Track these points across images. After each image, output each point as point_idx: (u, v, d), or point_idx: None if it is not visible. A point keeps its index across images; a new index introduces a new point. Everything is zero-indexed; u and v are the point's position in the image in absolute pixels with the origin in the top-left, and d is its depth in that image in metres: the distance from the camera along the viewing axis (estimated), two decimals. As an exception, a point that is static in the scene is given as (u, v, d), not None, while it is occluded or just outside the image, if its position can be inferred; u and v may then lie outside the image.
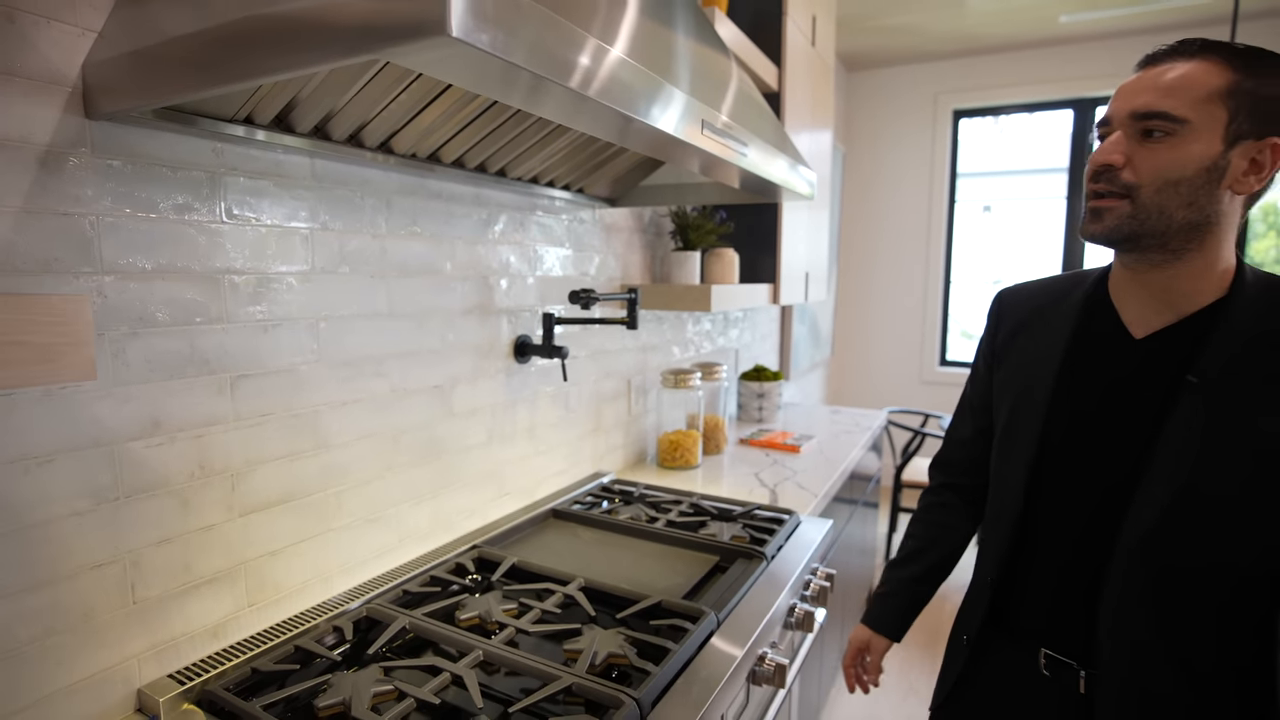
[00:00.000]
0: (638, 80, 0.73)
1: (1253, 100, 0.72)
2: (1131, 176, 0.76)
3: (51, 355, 0.50)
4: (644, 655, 0.93)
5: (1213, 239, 0.77)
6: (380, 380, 1.12)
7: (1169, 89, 0.74)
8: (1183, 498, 0.77)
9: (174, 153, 0.82)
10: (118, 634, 0.80)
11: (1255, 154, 0.73)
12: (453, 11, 0.48)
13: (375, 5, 0.50)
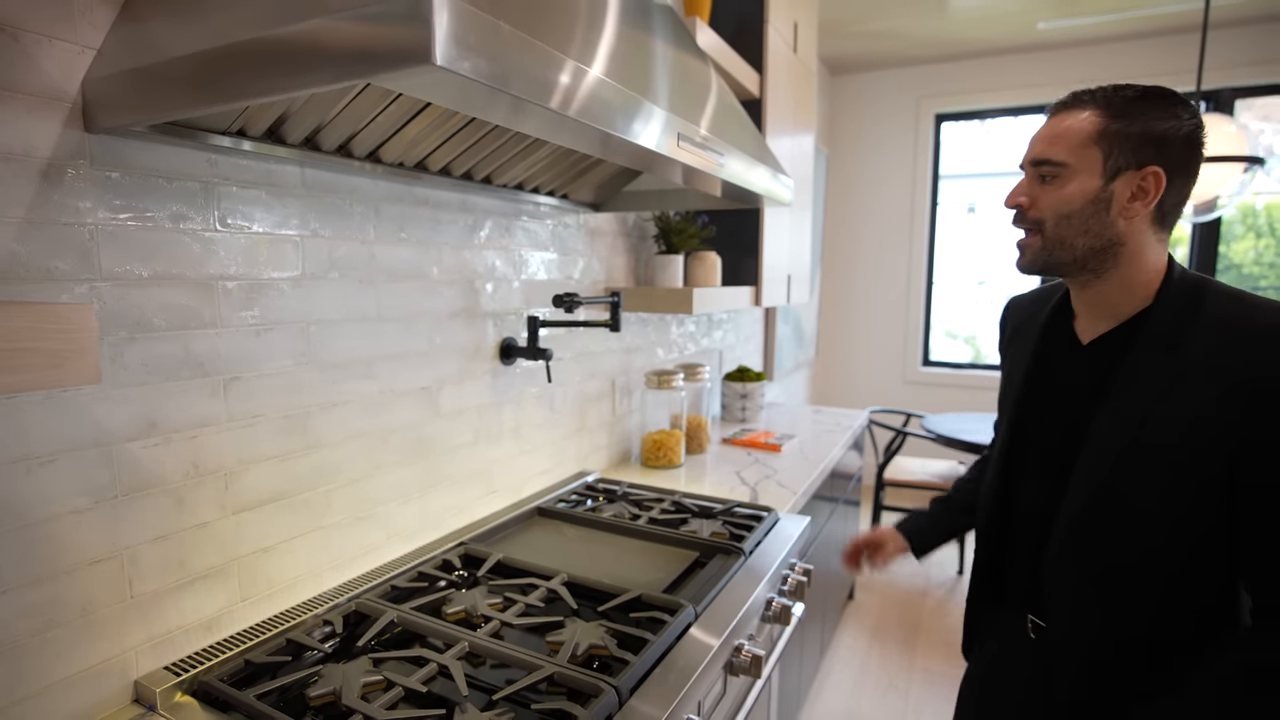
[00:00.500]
0: (616, 98, 0.77)
1: (1123, 138, 0.83)
2: (1036, 214, 0.89)
3: (59, 361, 0.53)
4: (624, 646, 0.97)
5: (1126, 256, 0.87)
6: (369, 382, 1.15)
7: (1052, 139, 0.87)
8: (1102, 492, 0.86)
9: (169, 164, 0.85)
10: (115, 627, 0.83)
11: (1139, 182, 0.83)
12: (437, 41, 0.52)
13: (365, 31, 0.54)
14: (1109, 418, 0.87)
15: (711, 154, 1.04)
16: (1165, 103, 0.83)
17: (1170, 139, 0.82)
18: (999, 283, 4.34)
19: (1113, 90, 0.85)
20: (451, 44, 0.53)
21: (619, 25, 0.92)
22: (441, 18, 0.51)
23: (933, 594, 3.07)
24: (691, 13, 1.80)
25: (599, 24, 0.85)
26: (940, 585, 3.16)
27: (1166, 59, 3.65)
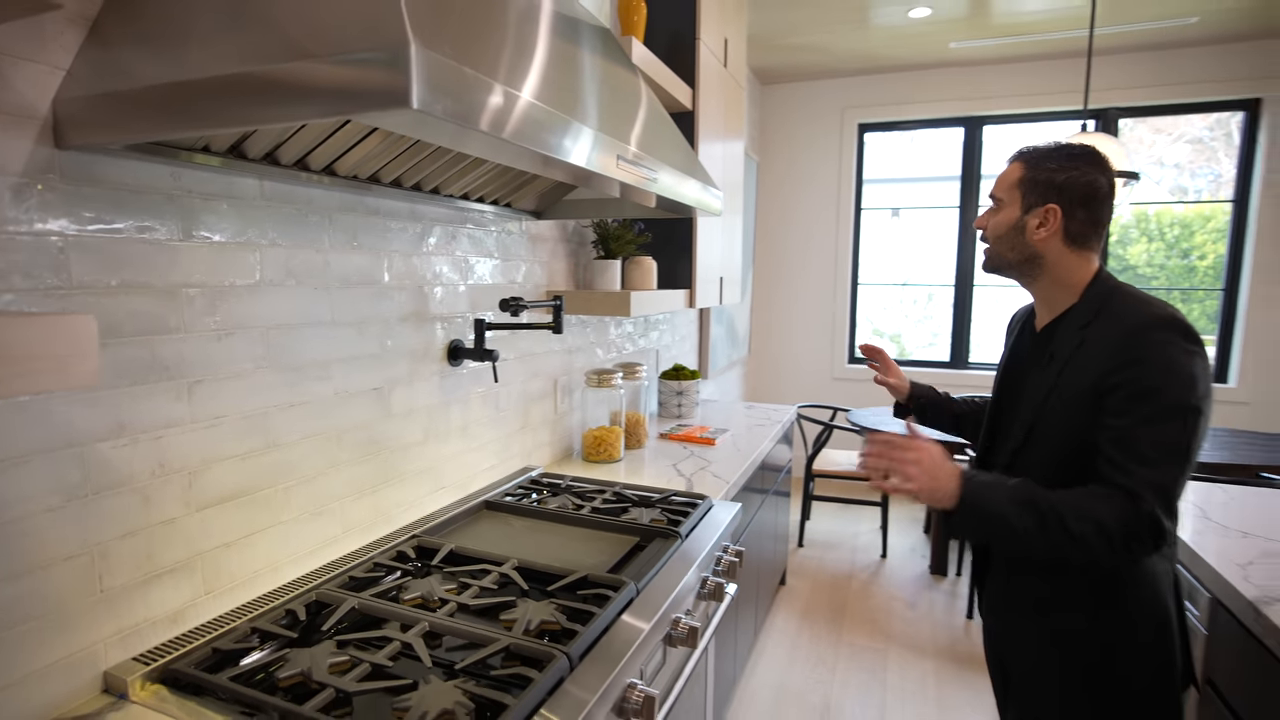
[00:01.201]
0: (559, 125, 0.87)
1: (1033, 183, 1.15)
2: (987, 233, 1.23)
3: (65, 366, 0.59)
4: (573, 620, 1.07)
5: (1047, 266, 1.17)
6: (325, 384, 1.21)
7: (999, 181, 1.21)
8: (1031, 431, 1.16)
9: (136, 178, 0.90)
10: (86, 621, 0.87)
11: (1042, 215, 1.14)
12: (414, 88, 0.60)
13: (349, 74, 0.62)
14: (1038, 377, 1.18)
15: (646, 171, 1.14)
16: (1061, 159, 1.13)
17: (1066, 185, 1.12)
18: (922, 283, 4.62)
19: (1035, 148, 1.17)
20: (426, 89, 0.61)
21: (560, 53, 1.02)
22: (419, 66, 0.60)
23: (858, 577, 3.27)
24: (627, 32, 1.90)
25: (542, 53, 0.94)
26: (865, 569, 3.37)
27: (1060, 80, 3.98)
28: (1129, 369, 1.02)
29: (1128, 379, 1.02)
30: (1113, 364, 1.04)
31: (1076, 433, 1.08)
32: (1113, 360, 1.04)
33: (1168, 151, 4.00)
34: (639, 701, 1.02)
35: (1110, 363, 1.04)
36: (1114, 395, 1.03)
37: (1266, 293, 3.76)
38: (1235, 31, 3.52)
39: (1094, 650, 1.11)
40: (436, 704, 0.85)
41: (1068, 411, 1.10)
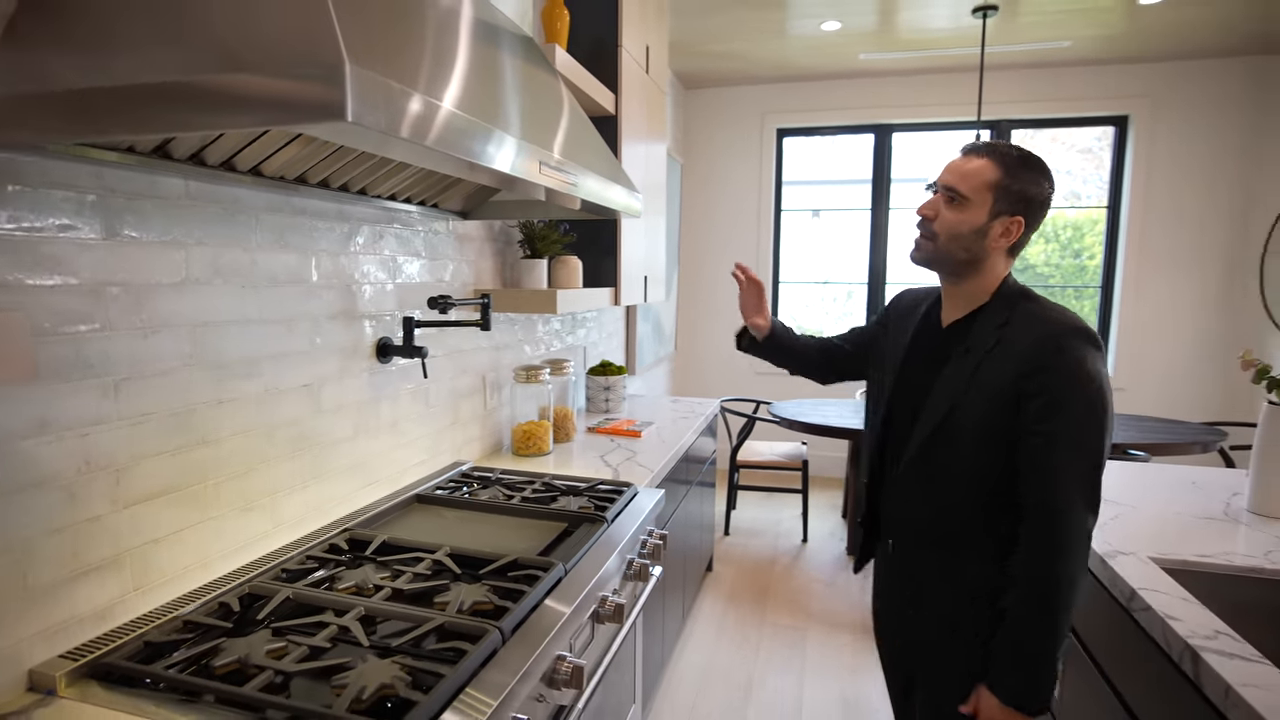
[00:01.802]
0: (479, 131, 0.93)
1: (1007, 192, 1.13)
2: (937, 227, 1.18)
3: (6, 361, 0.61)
4: (504, 599, 1.13)
5: (982, 269, 1.19)
6: (253, 381, 1.22)
7: (963, 175, 1.15)
8: (943, 422, 1.19)
9: (59, 177, 0.90)
10: (10, 619, 0.88)
11: (1008, 225, 1.15)
12: (349, 101, 0.66)
13: (287, 87, 0.67)
14: (954, 369, 1.19)
15: (568, 176, 1.22)
16: (1037, 172, 1.14)
17: (1035, 200, 1.14)
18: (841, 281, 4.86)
19: (1009, 150, 1.14)
20: (359, 102, 0.67)
21: (483, 62, 1.08)
22: (352, 82, 0.65)
23: (780, 561, 3.44)
24: (551, 39, 1.96)
25: (464, 63, 1.00)
26: (787, 553, 3.54)
27: (958, 92, 4.29)
28: (1044, 375, 1.09)
29: (1044, 385, 1.09)
30: (1029, 368, 1.10)
31: (994, 425, 1.13)
32: (1029, 364, 1.10)
33: (1062, 159, 4.36)
34: (568, 672, 1.10)
35: (1026, 366, 1.10)
36: (1033, 401, 1.09)
37: (1136, 291, 4.17)
38: (1105, 56, 3.89)
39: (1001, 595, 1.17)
40: (375, 679, 0.89)
41: (987, 406, 1.14)
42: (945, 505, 1.21)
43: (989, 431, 1.14)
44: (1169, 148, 4.03)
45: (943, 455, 1.20)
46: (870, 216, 4.66)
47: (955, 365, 1.19)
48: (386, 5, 0.87)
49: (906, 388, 1.30)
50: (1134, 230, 4.13)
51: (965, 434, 1.17)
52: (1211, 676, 0.99)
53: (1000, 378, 1.13)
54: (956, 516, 1.20)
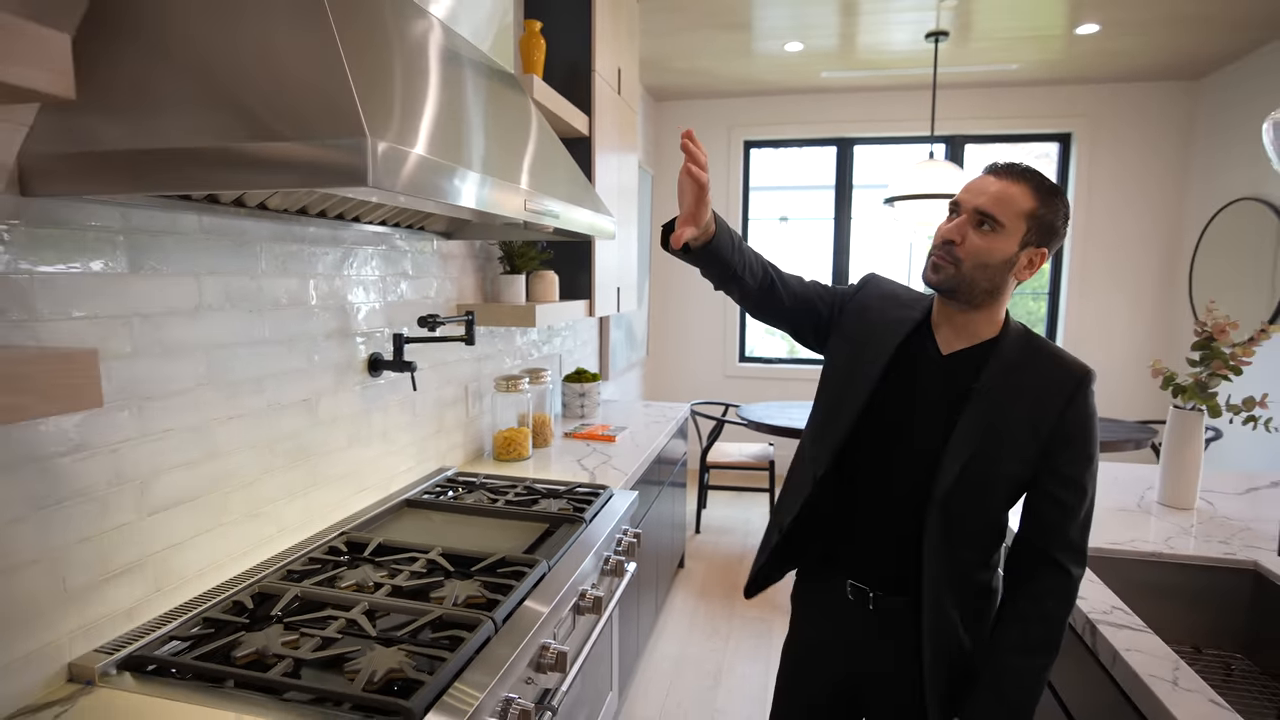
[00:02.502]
0: (477, 182, 1.05)
1: (1040, 222, 1.06)
2: (962, 253, 1.08)
3: (79, 393, 0.71)
4: (494, 593, 1.25)
5: (997, 300, 1.12)
6: (259, 397, 1.33)
7: (1000, 200, 1.06)
8: (968, 466, 1.09)
9: (91, 219, 1.00)
10: (52, 618, 0.98)
11: (1034, 256, 1.08)
12: (370, 169, 0.78)
13: (319, 154, 0.79)
14: (975, 411, 1.09)
15: (550, 210, 1.34)
16: (1063, 201, 1.08)
17: (1058, 233, 1.09)
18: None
19: (1040, 177, 1.08)
20: (380, 170, 0.79)
21: (479, 114, 1.20)
22: (375, 153, 0.77)
23: (749, 558, 3.60)
24: (529, 70, 2.08)
25: (465, 119, 1.12)
26: (755, 550, 3.70)
27: (914, 108, 4.50)
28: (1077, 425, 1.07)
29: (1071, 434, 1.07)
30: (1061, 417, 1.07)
31: (1014, 475, 1.10)
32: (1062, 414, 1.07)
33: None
34: (553, 657, 1.22)
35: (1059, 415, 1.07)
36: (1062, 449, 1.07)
37: (1080, 297, 4.43)
38: (1049, 77, 4.14)
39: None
40: (384, 664, 1.01)
41: (1010, 457, 1.08)
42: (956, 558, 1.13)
43: (1013, 482, 1.11)
44: (1108, 163, 4.30)
45: (962, 503, 1.10)
46: (834, 224, 4.86)
47: (975, 409, 1.09)
48: (391, 65, 0.99)
49: (890, 405, 1.17)
50: (1077, 239, 4.38)
51: (985, 482, 1.10)
52: (1104, 644, 1.15)
53: (1021, 424, 1.08)
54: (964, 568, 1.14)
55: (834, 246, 4.86)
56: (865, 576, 1.21)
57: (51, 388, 0.70)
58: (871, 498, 1.20)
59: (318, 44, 0.86)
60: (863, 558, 1.22)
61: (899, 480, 1.16)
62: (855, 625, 1.23)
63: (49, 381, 0.70)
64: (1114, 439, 3.22)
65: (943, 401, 1.14)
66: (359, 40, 0.92)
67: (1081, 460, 1.08)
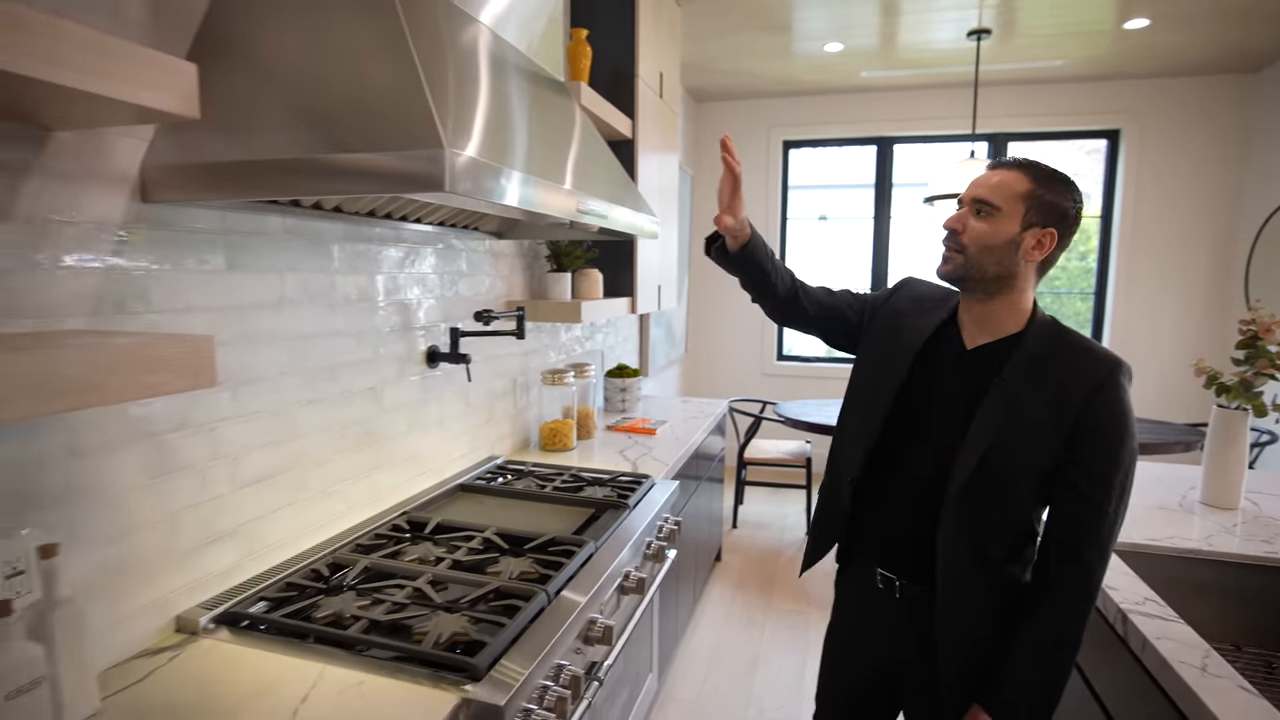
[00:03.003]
0: (538, 187, 1.14)
1: (1040, 202, 1.09)
2: (966, 239, 1.13)
3: (198, 372, 0.83)
4: (546, 569, 1.34)
5: (1014, 289, 1.13)
6: (332, 384, 1.44)
7: (992, 187, 1.11)
8: (985, 459, 1.11)
9: (194, 222, 1.13)
10: (164, 575, 1.10)
11: (1040, 236, 1.10)
12: (447, 175, 0.87)
13: (404, 164, 0.88)
14: (994, 404, 1.11)
15: (601, 212, 1.43)
16: (1068, 187, 1.11)
17: (1067, 213, 1.10)
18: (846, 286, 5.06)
19: (1038, 164, 1.12)
20: (456, 176, 0.88)
21: (532, 119, 1.29)
22: (451, 163, 0.87)
23: (785, 553, 3.64)
24: (575, 77, 2.18)
25: (527, 129, 1.22)
26: (792, 545, 3.75)
27: (955, 106, 4.48)
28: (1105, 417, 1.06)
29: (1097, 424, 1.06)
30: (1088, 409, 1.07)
31: (1038, 467, 1.10)
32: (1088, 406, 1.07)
33: (1070, 161, 4.50)
34: (601, 630, 1.31)
35: (1078, 403, 1.07)
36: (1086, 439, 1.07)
37: (1128, 296, 4.35)
38: (1095, 73, 4.07)
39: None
40: (449, 628, 1.11)
41: (1033, 449, 1.09)
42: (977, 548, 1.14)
43: (1036, 474, 1.11)
44: (1157, 160, 4.21)
45: (981, 497, 1.12)
46: (874, 224, 4.85)
47: (993, 401, 1.12)
48: (461, 81, 1.08)
49: (915, 402, 1.21)
50: (1125, 238, 4.31)
51: (1010, 484, 1.11)
52: (1134, 633, 1.19)
53: (1045, 415, 1.09)
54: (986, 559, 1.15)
55: (873, 245, 4.86)
56: (892, 566, 1.25)
57: (180, 368, 0.81)
58: (896, 492, 1.23)
59: (399, 66, 0.96)
60: (889, 548, 1.25)
61: (919, 475, 1.19)
62: (885, 613, 1.27)
63: (178, 363, 0.81)
64: (1162, 440, 3.17)
65: (961, 396, 1.16)
66: (433, 59, 1.02)
67: (1109, 454, 1.07)
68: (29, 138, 0.88)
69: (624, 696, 1.71)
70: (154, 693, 0.96)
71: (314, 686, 0.98)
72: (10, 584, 0.86)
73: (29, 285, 0.89)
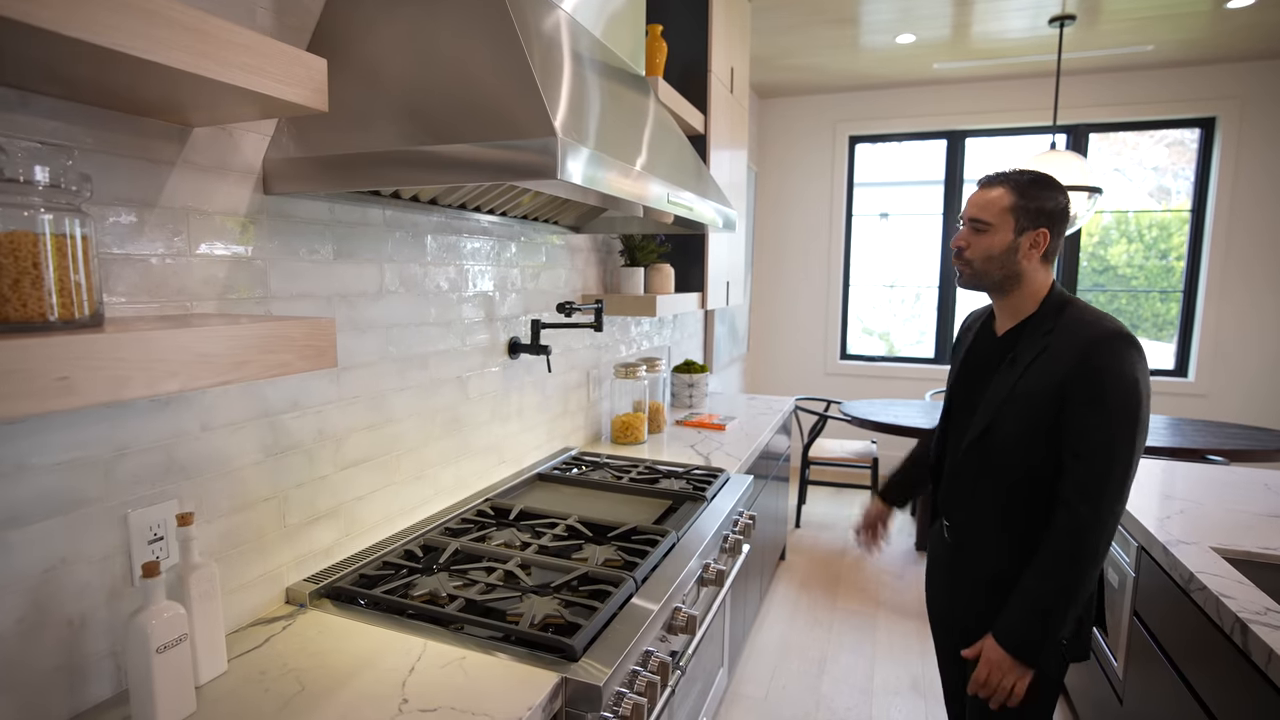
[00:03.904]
0: (634, 176, 1.16)
1: (1025, 210, 1.29)
2: (970, 254, 1.34)
3: (322, 352, 0.87)
4: (631, 556, 1.36)
5: (1024, 281, 1.32)
6: (423, 372, 1.49)
7: (983, 206, 1.32)
8: (991, 423, 1.32)
9: (307, 213, 1.18)
10: (275, 548, 1.16)
11: (1034, 237, 1.30)
12: (559, 163, 0.89)
13: (512, 155, 0.91)
14: (1002, 376, 1.33)
15: (688, 203, 1.43)
16: (1048, 188, 1.29)
17: (1053, 211, 1.29)
18: (909, 284, 4.94)
19: (1020, 175, 1.31)
20: (567, 163, 0.90)
21: (622, 111, 1.31)
22: (562, 152, 0.89)
23: (850, 554, 3.58)
24: (651, 73, 2.19)
25: (615, 116, 1.23)
26: (856, 546, 3.68)
27: (1033, 98, 4.31)
28: (1087, 375, 1.20)
29: (1087, 384, 1.20)
30: (1073, 369, 1.21)
31: (1037, 426, 1.26)
32: (1073, 366, 1.21)
33: (1149, 154, 4.29)
34: (684, 620, 1.32)
35: (1071, 367, 1.21)
36: (1075, 398, 1.21)
37: (1220, 296, 4.10)
38: (1188, 57, 3.86)
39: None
40: (542, 610, 1.13)
41: (1030, 407, 1.26)
42: (988, 497, 1.34)
43: (1030, 431, 1.26)
44: (1259, 149, 3.96)
45: (987, 454, 1.33)
46: (942, 220, 4.72)
47: (1003, 373, 1.32)
48: (560, 74, 1.10)
49: (962, 390, 1.44)
50: (1219, 233, 4.06)
51: (1008, 435, 1.29)
52: (1258, 644, 1.12)
53: (1044, 380, 1.25)
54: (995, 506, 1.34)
55: (942, 241, 4.72)
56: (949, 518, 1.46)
57: (304, 349, 0.85)
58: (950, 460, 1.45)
59: (511, 60, 0.98)
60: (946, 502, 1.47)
61: (953, 444, 1.43)
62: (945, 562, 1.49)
63: (303, 344, 0.85)
64: (1262, 448, 2.99)
65: (986, 372, 1.39)
66: (542, 56, 1.05)
67: (1093, 410, 1.19)
68: (175, 134, 0.94)
69: (696, 689, 1.71)
70: (273, 658, 1.02)
71: (418, 659, 1.02)
72: (151, 548, 0.92)
73: (170, 269, 0.96)
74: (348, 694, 0.93)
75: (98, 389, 0.62)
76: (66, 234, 0.66)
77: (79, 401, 0.60)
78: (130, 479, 0.92)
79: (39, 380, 0.57)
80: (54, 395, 0.58)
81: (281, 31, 1.10)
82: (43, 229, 0.64)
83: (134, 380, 0.65)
